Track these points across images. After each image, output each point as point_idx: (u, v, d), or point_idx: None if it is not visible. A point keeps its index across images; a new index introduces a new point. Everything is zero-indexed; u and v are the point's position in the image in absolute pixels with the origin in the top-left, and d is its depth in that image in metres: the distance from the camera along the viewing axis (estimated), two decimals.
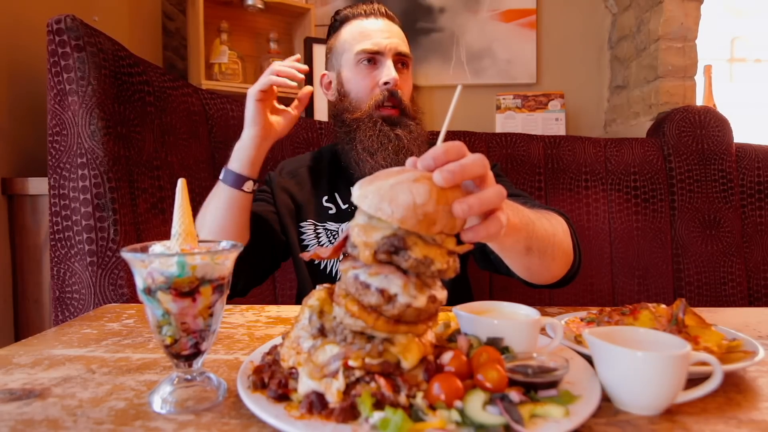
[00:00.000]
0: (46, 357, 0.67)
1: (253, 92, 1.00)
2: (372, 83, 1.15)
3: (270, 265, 1.21)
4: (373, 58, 1.15)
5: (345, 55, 1.18)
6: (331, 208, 1.20)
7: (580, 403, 0.49)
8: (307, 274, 1.22)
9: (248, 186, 1.02)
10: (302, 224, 1.21)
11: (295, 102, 1.08)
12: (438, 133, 0.60)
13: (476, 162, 0.54)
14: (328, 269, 1.19)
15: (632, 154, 1.69)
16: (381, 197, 0.49)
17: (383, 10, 1.19)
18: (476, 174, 0.54)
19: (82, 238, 1.08)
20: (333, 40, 1.23)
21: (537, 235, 0.77)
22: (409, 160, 0.57)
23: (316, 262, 1.19)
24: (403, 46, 1.17)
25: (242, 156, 1.01)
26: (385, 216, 0.49)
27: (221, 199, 1.02)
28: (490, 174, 0.57)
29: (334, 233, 1.19)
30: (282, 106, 1.09)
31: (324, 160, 1.27)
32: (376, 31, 1.16)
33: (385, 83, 1.13)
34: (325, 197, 1.21)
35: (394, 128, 1.13)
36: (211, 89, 1.74)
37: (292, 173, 1.26)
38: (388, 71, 1.13)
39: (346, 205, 1.19)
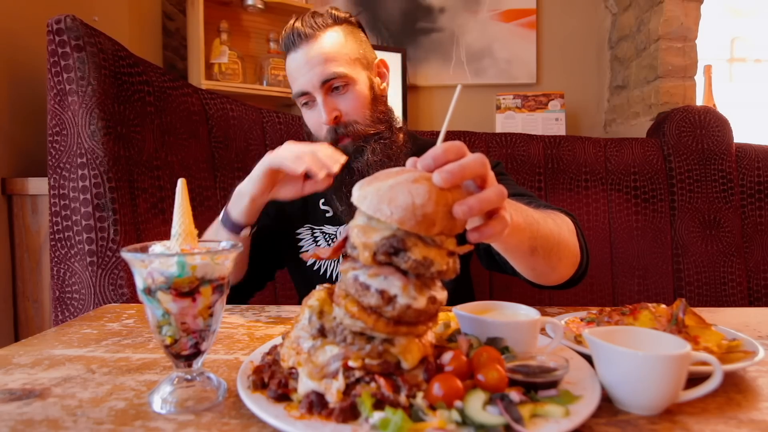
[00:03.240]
0: (46, 357, 0.67)
1: (269, 162, 0.92)
2: (317, 124, 1.10)
3: (267, 276, 1.23)
4: (308, 99, 1.09)
5: None
6: (328, 211, 1.19)
7: (580, 403, 0.49)
8: (304, 279, 1.21)
9: (245, 232, 0.98)
10: (299, 231, 1.20)
11: (310, 183, 0.99)
12: (438, 132, 0.60)
13: (476, 161, 0.53)
14: (328, 274, 1.18)
15: (632, 154, 1.69)
16: (380, 198, 0.49)
17: (296, 33, 1.08)
18: (476, 174, 0.54)
19: (82, 238, 1.08)
20: None
21: (541, 235, 0.77)
22: (410, 161, 0.57)
23: (315, 267, 1.18)
24: (329, 66, 1.05)
25: (239, 205, 0.96)
26: (384, 217, 0.49)
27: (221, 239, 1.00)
28: (491, 173, 0.57)
29: (332, 236, 1.18)
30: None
31: None
32: (296, 69, 1.07)
33: (326, 123, 1.07)
34: (322, 200, 1.20)
35: (348, 161, 1.06)
36: (211, 89, 1.74)
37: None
38: (321, 113, 1.06)
39: (344, 207, 1.18)
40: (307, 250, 1.18)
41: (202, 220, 1.39)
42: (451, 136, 1.54)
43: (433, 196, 0.49)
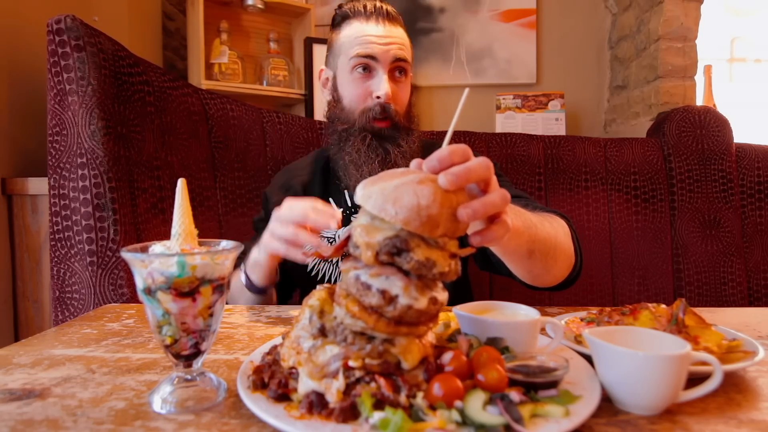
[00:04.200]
0: (46, 357, 0.67)
1: (269, 248, 0.87)
2: (365, 93, 1.11)
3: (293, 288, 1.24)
4: (368, 66, 1.10)
5: (341, 58, 1.14)
6: None
7: (580, 403, 0.49)
8: (301, 280, 1.19)
9: (271, 290, 1.01)
10: None
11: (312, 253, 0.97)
12: (441, 132, 0.61)
13: (481, 165, 0.54)
14: (320, 275, 1.17)
15: (632, 154, 1.69)
16: (385, 198, 0.49)
17: (385, 11, 1.12)
18: (481, 177, 0.54)
19: (82, 238, 1.08)
20: (333, 36, 1.18)
21: (539, 239, 0.77)
22: (414, 162, 0.57)
23: (313, 273, 1.17)
24: (403, 51, 1.12)
25: (258, 274, 0.95)
26: (389, 217, 0.49)
27: (249, 298, 1.00)
28: (494, 177, 0.57)
29: (330, 240, 1.17)
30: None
31: (317, 167, 1.25)
32: (374, 36, 1.10)
33: (378, 97, 1.10)
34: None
35: (383, 142, 1.10)
36: (211, 89, 1.75)
37: (284, 187, 1.24)
38: (381, 84, 1.09)
39: (341, 209, 1.18)
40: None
41: (202, 220, 1.39)
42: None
43: (438, 198, 0.49)
